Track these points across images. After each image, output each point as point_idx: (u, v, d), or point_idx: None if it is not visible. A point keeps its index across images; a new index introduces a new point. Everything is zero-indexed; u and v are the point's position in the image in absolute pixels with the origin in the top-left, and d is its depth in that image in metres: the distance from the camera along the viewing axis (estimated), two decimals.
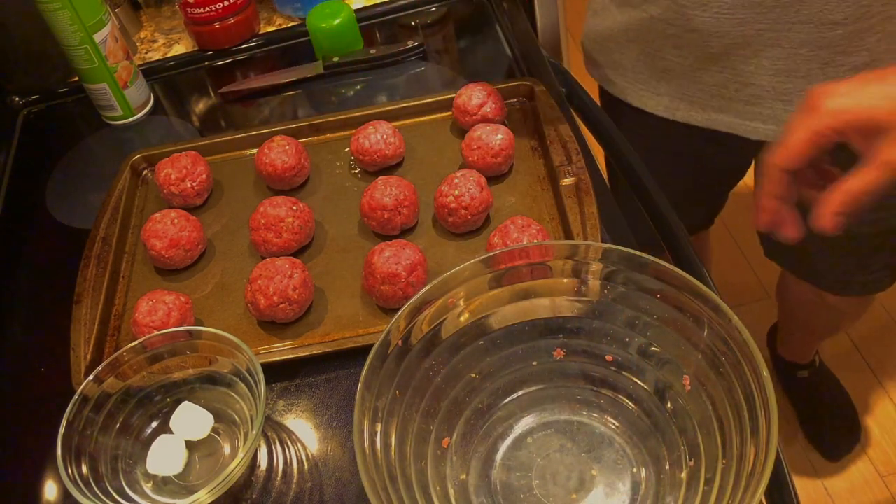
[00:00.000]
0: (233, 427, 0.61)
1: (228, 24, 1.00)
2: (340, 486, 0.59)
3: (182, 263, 0.74)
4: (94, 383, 0.59)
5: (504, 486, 0.54)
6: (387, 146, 0.77)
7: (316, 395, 0.64)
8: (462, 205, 0.69)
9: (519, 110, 0.82)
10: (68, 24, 0.86)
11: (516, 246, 0.62)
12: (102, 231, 0.77)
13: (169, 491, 0.59)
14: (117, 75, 0.92)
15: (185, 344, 0.61)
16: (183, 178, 0.78)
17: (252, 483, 0.60)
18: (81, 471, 0.56)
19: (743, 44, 0.75)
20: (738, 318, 0.47)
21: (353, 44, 0.97)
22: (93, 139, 0.96)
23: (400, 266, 0.65)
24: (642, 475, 0.53)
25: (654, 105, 0.87)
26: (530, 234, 0.66)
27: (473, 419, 0.57)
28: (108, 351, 0.69)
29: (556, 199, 0.73)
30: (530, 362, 0.58)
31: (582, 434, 0.56)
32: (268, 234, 0.71)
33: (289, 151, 0.77)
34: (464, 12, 1.02)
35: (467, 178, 0.70)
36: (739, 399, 0.47)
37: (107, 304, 0.72)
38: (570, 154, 0.73)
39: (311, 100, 0.94)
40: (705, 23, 0.75)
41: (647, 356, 0.54)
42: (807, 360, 1.48)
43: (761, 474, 0.42)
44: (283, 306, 0.66)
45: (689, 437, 0.51)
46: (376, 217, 0.71)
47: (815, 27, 0.71)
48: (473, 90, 0.79)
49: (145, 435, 0.61)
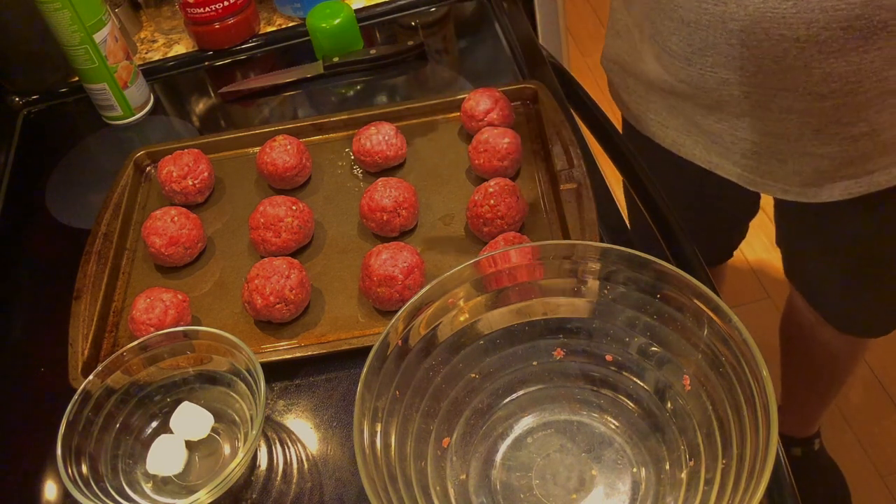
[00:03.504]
0: (233, 427, 0.61)
1: (228, 24, 1.00)
2: (340, 486, 0.59)
3: (181, 261, 0.74)
4: (94, 383, 0.59)
5: (504, 486, 0.54)
6: (388, 147, 0.77)
7: (316, 395, 0.64)
8: (498, 214, 0.68)
9: (522, 114, 0.82)
10: (68, 24, 0.86)
11: (515, 246, 0.62)
12: (104, 227, 0.77)
13: (169, 491, 0.59)
14: (117, 75, 0.92)
15: (185, 343, 0.61)
16: (185, 175, 0.78)
17: (252, 483, 0.60)
18: (81, 471, 0.56)
19: (732, 102, 0.73)
20: (738, 318, 0.47)
21: (353, 44, 0.97)
22: (93, 139, 0.96)
23: (397, 269, 0.65)
24: (642, 475, 0.53)
25: (663, 137, 0.85)
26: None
27: (473, 419, 0.57)
28: (105, 347, 0.69)
29: (556, 203, 0.73)
30: (530, 362, 0.58)
31: (582, 434, 0.56)
32: (267, 233, 0.71)
33: (290, 151, 0.77)
34: (464, 12, 1.02)
35: (502, 186, 0.69)
36: (739, 399, 0.47)
37: (106, 301, 0.72)
38: (572, 159, 0.73)
39: (311, 100, 0.94)
40: (691, 76, 0.73)
41: (647, 356, 0.54)
42: (804, 433, 1.36)
43: (761, 474, 0.42)
44: (280, 306, 0.66)
45: (689, 437, 0.51)
46: (375, 218, 0.71)
47: (801, 96, 0.69)
48: (481, 96, 0.78)
49: (145, 435, 0.61)
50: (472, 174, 0.77)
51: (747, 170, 0.79)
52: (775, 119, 0.72)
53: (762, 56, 0.67)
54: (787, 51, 0.65)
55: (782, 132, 0.73)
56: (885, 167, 0.74)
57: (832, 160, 0.74)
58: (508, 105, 0.79)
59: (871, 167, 0.74)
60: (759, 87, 0.70)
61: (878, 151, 0.73)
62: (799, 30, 0.63)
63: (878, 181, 0.75)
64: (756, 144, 0.76)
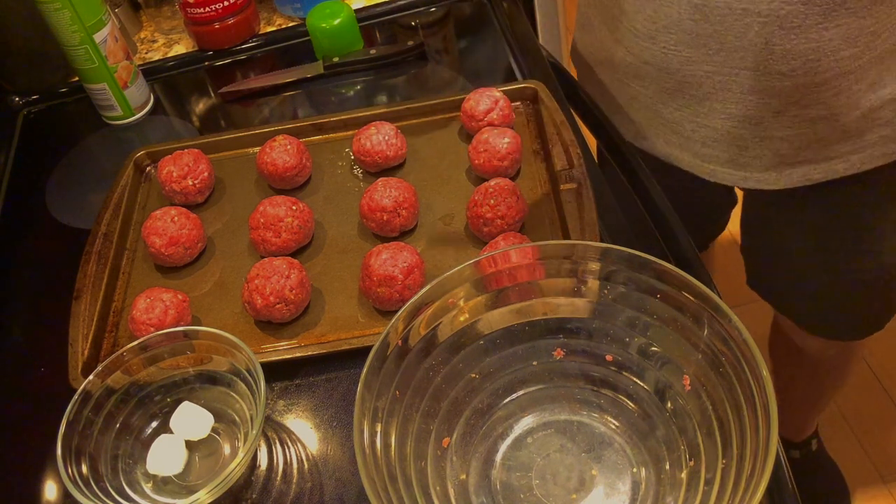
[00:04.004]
0: (233, 427, 0.61)
1: (228, 24, 1.00)
2: (340, 486, 0.59)
3: (181, 261, 0.74)
4: (94, 383, 0.59)
5: (504, 485, 0.54)
6: (388, 147, 0.77)
7: (316, 395, 0.64)
8: (498, 214, 0.68)
9: (522, 114, 0.82)
10: (68, 24, 0.86)
11: (515, 246, 0.62)
12: (104, 227, 0.77)
13: (169, 491, 0.59)
14: (117, 75, 0.92)
15: (185, 343, 0.61)
16: (185, 175, 0.78)
17: (252, 483, 0.60)
18: (81, 471, 0.56)
19: (694, 83, 0.74)
20: (738, 318, 0.47)
21: (353, 44, 0.97)
22: (93, 139, 0.96)
23: (396, 269, 0.65)
24: (642, 475, 0.53)
25: (626, 131, 0.86)
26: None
27: (473, 419, 0.57)
28: (105, 347, 0.70)
29: (556, 203, 0.73)
30: (530, 362, 0.58)
31: (582, 434, 0.56)
32: (267, 233, 0.71)
33: (290, 151, 0.77)
34: (464, 12, 1.02)
35: (502, 186, 0.69)
36: (739, 399, 0.47)
37: (106, 301, 0.72)
38: (572, 159, 0.73)
39: (311, 100, 0.94)
40: (655, 56, 0.74)
41: (647, 356, 0.54)
42: (801, 436, 1.35)
43: (761, 474, 0.42)
44: (280, 306, 0.66)
45: (689, 437, 0.51)
46: (375, 218, 0.71)
47: (761, 75, 0.70)
48: (481, 96, 0.79)
49: (145, 435, 0.61)
50: (472, 174, 0.77)
51: (707, 160, 0.80)
52: (737, 101, 0.73)
53: (724, 32, 0.68)
54: (748, 26, 0.67)
55: (744, 114, 0.74)
56: (843, 155, 0.75)
57: (791, 143, 0.75)
58: (508, 105, 0.79)
59: (829, 153, 0.75)
60: (721, 66, 0.71)
61: (835, 137, 0.74)
62: (761, 4, 0.65)
63: (835, 168, 0.77)
64: (716, 131, 0.76)
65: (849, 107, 0.71)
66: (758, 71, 0.70)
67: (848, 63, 0.68)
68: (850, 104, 0.71)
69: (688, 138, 0.79)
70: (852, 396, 1.50)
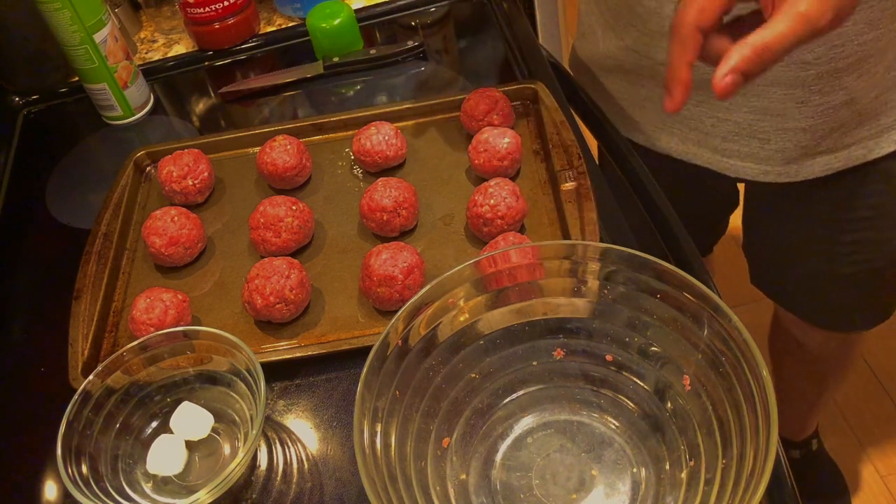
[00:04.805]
0: (233, 427, 0.61)
1: (228, 24, 1.00)
2: (340, 486, 0.59)
3: (181, 261, 0.74)
4: (94, 383, 0.59)
5: (504, 486, 0.54)
6: (388, 147, 0.77)
7: (316, 395, 0.64)
8: (498, 214, 0.68)
9: (522, 113, 0.82)
10: (68, 24, 0.86)
11: (515, 246, 0.62)
12: (104, 227, 0.77)
13: (169, 491, 0.59)
14: (117, 75, 0.92)
15: (185, 343, 0.61)
16: (185, 175, 0.78)
17: (252, 483, 0.60)
18: (81, 471, 0.56)
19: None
20: (738, 318, 0.47)
21: (353, 44, 0.97)
22: (93, 139, 0.96)
23: (396, 269, 0.65)
24: (642, 475, 0.53)
25: (636, 136, 0.86)
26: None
27: (473, 419, 0.57)
28: (105, 347, 0.70)
29: (556, 203, 0.73)
30: (530, 362, 0.58)
31: (582, 434, 0.56)
32: (266, 233, 0.71)
33: (290, 151, 0.77)
34: (464, 12, 1.02)
35: (502, 186, 0.69)
36: (739, 399, 0.47)
37: (106, 301, 0.72)
38: (572, 158, 0.73)
39: (311, 100, 0.94)
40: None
41: (647, 356, 0.54)
42: (801, 436, 1.35)
43: (761, 474, 0.42)
44: (280, 306, 0.66)
45: (689, 437, 0.51)
46: (375, 218, 0.71)
47: (785, 66, 0.70)
48: (481, 96, 0.78)
49: (145, 435, 0.61)
50: (472, 174, 0.77)
51: (727, 155, 0.79)
52: (759, 93, 0.73)
53: None
54: None
55: (766, 107, 0.74)
56: (861, 140, 0.76)
57: (813, 133, 0.75)
58: (508, 105, 0.79)
59: (848, 140, 0.76)
60: None
61: (854, 121, 0.74)
62: None
63: (855, 155, 0.77)
64: (738, 125, 0.76)
65: (867, 89, 0.72)
66: (782, 61, 0.70)
67: (871, 46, 0.68)
68: (870, 86, 0.72)
69: (707, 133, 0.79)
70: (852, 396, 1.50)
